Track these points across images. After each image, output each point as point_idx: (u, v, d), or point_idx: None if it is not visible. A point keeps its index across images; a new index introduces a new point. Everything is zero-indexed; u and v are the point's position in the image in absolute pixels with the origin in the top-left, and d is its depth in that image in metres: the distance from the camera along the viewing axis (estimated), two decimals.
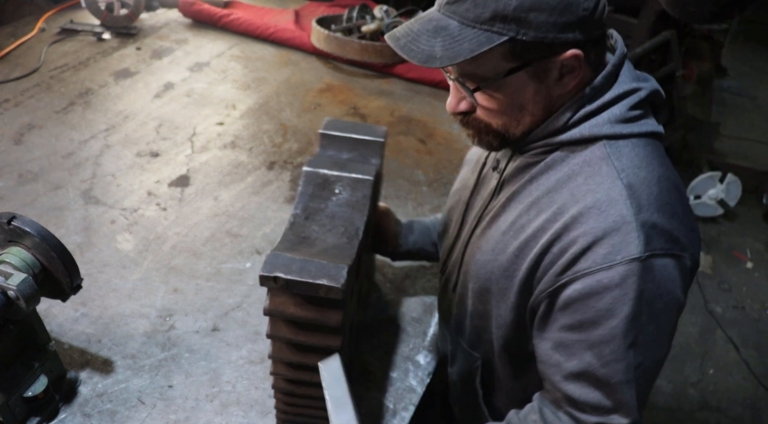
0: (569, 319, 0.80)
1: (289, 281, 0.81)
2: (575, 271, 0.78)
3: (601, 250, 0.76)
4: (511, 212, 0.89)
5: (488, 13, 0.74)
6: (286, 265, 0.82)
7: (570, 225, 0.79)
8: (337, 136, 1.04)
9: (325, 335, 0.89)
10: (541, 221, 0.83)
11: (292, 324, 0.88)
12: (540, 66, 0.78)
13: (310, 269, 0.82)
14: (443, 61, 0.76)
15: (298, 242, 0.88)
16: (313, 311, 0.85)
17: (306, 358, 0.91)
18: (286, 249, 0.86)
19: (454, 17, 0.77)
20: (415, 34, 0.80)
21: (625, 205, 0.76)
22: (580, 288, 0.78)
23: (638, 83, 0.84)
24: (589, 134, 0.82)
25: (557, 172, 0.84)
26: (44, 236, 0.94)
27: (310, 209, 0.93)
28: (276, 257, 0.83)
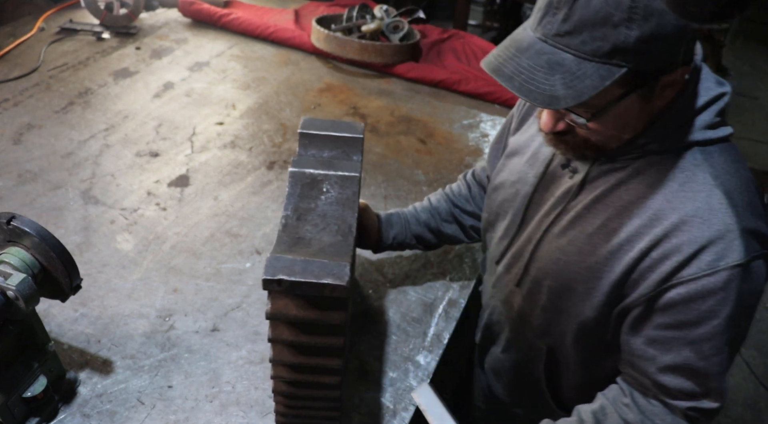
0: (669, 319, 0.84)
1: (293, 283, 0.80)
2: (680, 277, 0.81)
3: (706, 257, 0.79)
4: (597, 215, 0.90)
5: (607, 46, 0.72)
6: (288, 267, 0.82)
7: (671, 232, 0.81)
8: (317, 135, 1.04)
9: (327, 334, 0.88)
10: (636, 226, 0.84)
11: (293, 326, 0.87)
12: (650, 87, 0.78)
13: (313, 269, 0.82)
14: (568, 101, 0.74)
15: (294, 243, 0.88)
16: (316, 312, 0.85)
17: (308, 359, 0.91)
18: (284, 251, 0.85)
19: (568, 50, 0.74)
20: (527, 71, 0.76)
21: (727, 214, 0.79)
22: (684, 292, 0.81)
23: (721, 88, 0.86)
24: (682, 141, 0.83)
25: (648, 178, 0.85)
26: (43, 236, 0.94)
27: (300, 210, 0.93)
28: (277, 259, 0.82)
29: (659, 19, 0.70)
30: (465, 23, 3.67)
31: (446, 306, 1.35)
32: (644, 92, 0.78)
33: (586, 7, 0.71)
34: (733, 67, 4.74)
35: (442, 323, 1.31)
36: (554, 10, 0.74)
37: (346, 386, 1.10)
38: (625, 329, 0.91)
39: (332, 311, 0.85)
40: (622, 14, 0.70)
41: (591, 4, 0.71)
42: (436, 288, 1.39)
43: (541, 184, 1.01)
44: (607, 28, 0.71)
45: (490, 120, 2.07)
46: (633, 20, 0.70)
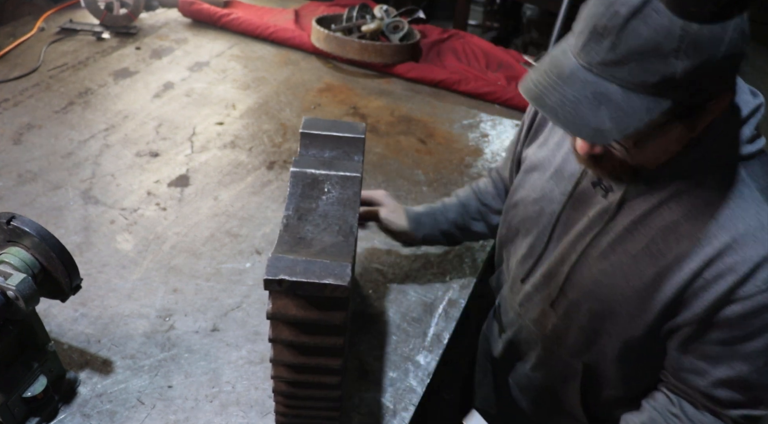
0: (723, 335, 0.83)
1: (294, 283, 0.80)
2: (735, 295, 0.80)
3: (762, 275, 0.78)
4: (640, 237, 0.88)
5: (655, 78, 0.69)
6: (290, 267, 0.82)
7: (724, 252, 0.80)
8: (318, 135, 1.04)
9: (328, 334, 0.88)
10: (684, 247, 0.83)
11: (294, 326, 0.87)
12: (696, 114, 0.76)
13: (314, 269, 0.82)
14: (614, 135, 0.71)
15: (295, 243, 0.88)
16: (317, 312, 0.85)
17: (308, 359, 0.91)
18: (285, 251, 0.86)
19: (613, 81, 0.71)
20: (572, 102, 0.72)
21: None
22: (739, 309, 0.80)
23: (757, 99, 0.85)
24: (723, 158, 0.82)
25: (692, 197, 0.84)
26: (43, 236, 0.94)
27: (301, 210, 0.93)
28: (278, 259, 0.82)
29: (710, 48, 0.67)
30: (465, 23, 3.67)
31: (446, 306, 1.35)
32: (689, 120, 0.76)
33: (635, 36, 0.67)
34: None
35: (442, 323, 1.31)
36: (599, 36, 0.70)
37: (346, 385, 1.10)
38: (675, 344, 0.90)
39: (333, 311, 0.85)
40: (672, 44, 0.67)
41: (639, 32, 0.67)
42: (436, 288, 1.39)
43: (570, 204, 0.99)
44: (655, 59, 0.68)
45: (490, 120, 2.07)
46: (682, 51, 0.67)
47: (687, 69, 0.67)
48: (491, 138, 1.97)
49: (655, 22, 0.67)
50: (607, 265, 0.93)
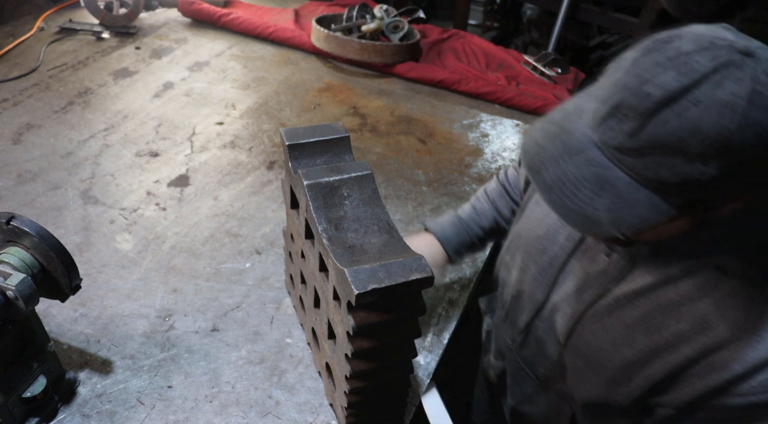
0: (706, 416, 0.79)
1: (386, 289, 0.80)
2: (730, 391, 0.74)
3: (760, 377, 0.72)
4: (638, 308, 0.82)
5: (675, 179, 0.59)
6: (372, 276, 0.81)
7: (722, 345, 0.73)
8: (306, 143, 1.02)
9: (406, 328, 0.89)
10: (683, 328, 0.77)
11: (373, 333, 0.87)
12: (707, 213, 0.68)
13: (395, 270, 0.81)
14: (607, 227, 0.63)
15: (351, 253, 0.87)
16: (396, 310, 0.85)
17: (386, 360, 0.92)
18: (349, 263, 0.84)
19: (623, 169, 0.62)
20: (571, 183, 0.64)
21: None
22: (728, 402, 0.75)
23: None
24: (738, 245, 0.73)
25: (698, 278, 0.76)
26: (43, 235, 0.93)
27: (333, 220, 0.92)
28: (357, 272, 0.81)
29: (743, 155, 0.57)
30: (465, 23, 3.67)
31: (446, 306, 1.35)
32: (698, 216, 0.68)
33: (662, 127, 0.58)
34: None
35: (442, 323, 1.31)
36: (622, 116, 0.61)
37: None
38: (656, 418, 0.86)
39: (411, 302, 0.86)
40: (702, 148, 0.57)
41: (668, 125, 0.57)
42: (437, 288, 1.39)
43: (575, 254, 0.92)
44: (678, 160, 0.58)
45: (490, 120, 2.07)
46: (713, 157, 0.57)
47: (713, 175, 0.58)
48: (491, 138, 1.96)
49: (689, 117, 0.57)
50: (599, 328, 0.88)
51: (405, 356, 0.94)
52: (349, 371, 0.90)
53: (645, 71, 0.59)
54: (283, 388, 1.13)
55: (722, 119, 0.56)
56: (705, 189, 0.60)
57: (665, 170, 0.59)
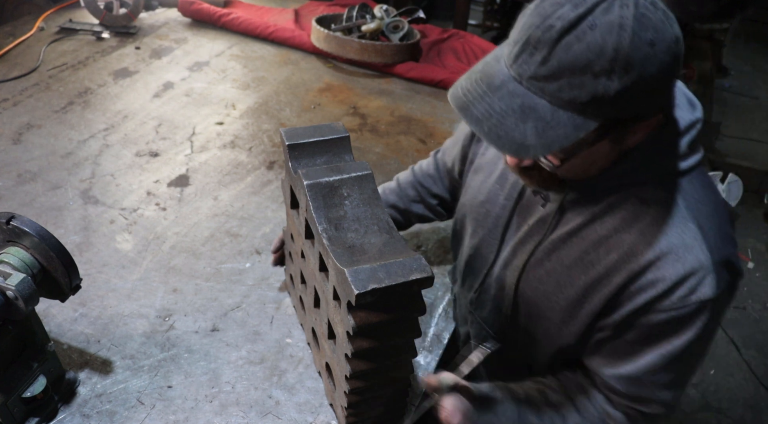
0: (633, 336, 0.88)
1: (386, 289, 0.80)
2: (653, 307, 0.83)
3: (679, 292, 0.81)
4: (573, 248, 0.90)
5: (586, 97, 0.68)
6: (372, 276, 0.81)
7: (647, 268, 0.82)
8: (306, 143, 1.02)
9: (405, 330, 0.89)
10: (613, 260, 0.85)
11: (373, 333, 0.87)
12: (623, 132, 0.76)
13: (395, 270, 0.82)
14: (537, 149, 0.71)
15: (351, 253, 0.87)
16: (396, 310, 0.85)
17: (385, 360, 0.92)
18: (349, 263, 0.84)
19: (543, 96, 0.70)
20: (498, 114, 0.71)
21: (700, 250, 0.81)
22: (653, 318, 0.84)
23: (693, 114, 0.85)
24: (653, 175, 0.83)
25: (622, 212, 0.85)
26: (43, 235, 0.94)
27: (333, 220, 0.92)
28: (357, 272, 0.81)
29: (641, 69, 0.66)
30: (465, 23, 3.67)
31: (446, 306, 1.35)
32: (616, 137, 0.77)
33: (567, 51, 0.66)
34: (733, 67, 4.74)
35: (442, 323, 1.31)
36: (532, 49, 0.69)
37: None
38: (592, 341, 0.95)
39: (411, 302, 0.86)
40: (604, 64, 0.66)
41: (572, 49, 0.66)
42: (436, 288, 1.39)
43: (515, 212, 1.01)
44: (586, 77, 0.67)
45: None
46: (614, 71, 0.66)
47: (618, 89, 0.67)
48: None
49: (588, 40, 0.66)
50: (543, 273, 0.95)
51: (405, 356, 0.94)
52: (349, 371, 0.90)
53: (545, 9, 0.69)
54: (283, 388, 1.13)
55: (616, 37, 0.65)
56: (614, 104, 0.68)
57: (576, 90, 0.67)
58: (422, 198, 1.31)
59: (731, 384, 2.56)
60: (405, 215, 1.32)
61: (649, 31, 0.66)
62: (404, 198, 1.30)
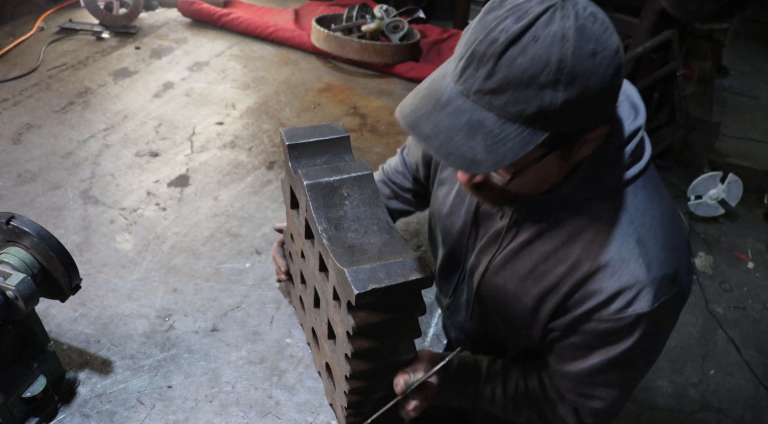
0: (576, 340, 0.92)
1: (386, 289, 0.80)
2: (593, 316, 0.87)
3: (615, 305, 0.84)
4: (526, 259, 0.93)
5: (532, 109, 0.68)
6: (372, 276, 0.81)
7: (587, 280, 0.86)
8: (305, 143, 1.02)
9: (404, 330, 0.89)
10: (561, 272, 0.89)
11: (373, 333, 0.87)
12: (571, 146, 0.77)
13: (395, 270, 0.82)
14: (488, 165, 0.71)
15: (351, 253, 0.87)
16: (396, 310, 0.85)
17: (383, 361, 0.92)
18: (349, 263, 0.84)
19: (490, 110, 0.70)
20: (446, 131, 0.71)
21: (637, 265, 0.83)
22: (593, 326, 0.88)
23: (636, 121, 0.85)
24: (597, 189, 0.85)
25: (568, 226, 0.88)
26: (43, 235, 0.94)
27: (333, 220, 0.92)
28: (357, 272, 0.81)
29: (585, 80, 0.67)
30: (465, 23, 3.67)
31: None
32: (564, 151, 0.77)
33: (512, 65, 0.67)
34: (733, 67, 4.74)
35: (442, 323, 1.31)
36: (477, 63, 0.69)
37: None
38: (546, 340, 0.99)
39: (411, 304, 0.86)
40: (549, 76, 0.66)
41: (516, 62, 0.66)
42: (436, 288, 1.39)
43: (475, 220, 1.04)
44: (532, 90, 0.67)
45: None
46: (559, 82, 0.66)
47: (564, 100, 0.67)
48: None
49: (532, 52, 0.66)
50: (500, 282, 0.99)
51: (405, 357, 0.94)
52: (349, 371, 0.90)
53: (488, 23, 0.69)
54: (283, 388, 1.13)
55: (559, 49, 0.66)
56: (561, 116, 0.69)
57: (523, 102, 0.68)
58: (397, 194, 1.32)
59: (731, 384, 2.56)
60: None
61: (591, 42, 0.67)
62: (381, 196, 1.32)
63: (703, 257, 3.15)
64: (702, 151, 3.64)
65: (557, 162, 0.79)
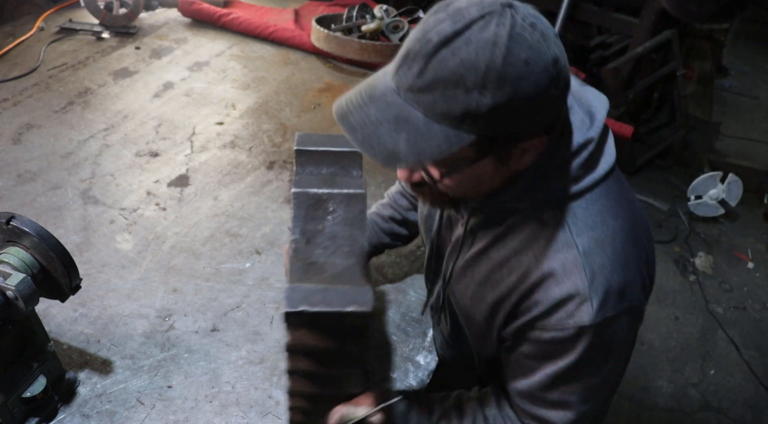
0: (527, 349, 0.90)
1: (316, 314, 0.78)
2: (538, 324, 0.86)
3: (557, 315, 0.83)
4: (483, 266, 0.93)
5: (458, 111, 0.68)
6: (308, 297, 0.79)
7: (533, 289, 0.85)
8: (315, 151, 1.00)
9: (348, 362, 0.87)
10: (513, 280, 0.88)
11: (312, 356, 0.85)
12: (505, 152, 0.76)
13: (334, 297, 0.79)
14: (408, 158, 0.72)
15: (307, 270, 0.85)
16: (336, 340, 0.83)
17: (326, 388, 0.90)
18: (299, 279, 0.83)
19: (418, 108, 0.71)
20: (373, 123, 0.73)
21: (579, 277, 0.81)
22: (538, 335, 0.86)
23: (588, 132, 0.83)
24: (543, 200, 0.84)
25: (519, 235, 0.87)
26: (43, 235, 0.94)
27: (308, 232, 0.89)
28: (295, 290, 0.79)
29: (515, 86, 0.67)
30: None
31: None
32: (498, 156, 0.77)
33: (441, 65, 0.68)
34: (733, 67, 4.74)
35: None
36: (410, 61, 0.70)
37: None
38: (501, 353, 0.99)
39: (352, 338, 0.83)
40: (477, 79, 0.66)
41: (446, 63, 0.67)
42: None
43: (442, 227, 1.04)
44: (459, 92, 0.67)
45: None
46: (486, 87, 0.67)
47: (490, 104, 0.67)
48: None
49: (462, 55, 0.67)
50: (462, 287, 0.98)
51: (351, 390, 0.92)
52: (288, 387, 0.89)
53: (428, 25, 0.70)
54: (283, 388, 1.13)
55: (489, 54, 0.66)
56: (488, 120, 0.69)
57: (450, 103, 0.68)
58: (414, 205, 1.32)
59: (731, 384, 2.56)
60: (405, 225, 1.32)
61: (524, 51, 0.67)
62: (399, 209, 1.31)
63: (703, 257, 3.15)
64: (702, 151, 3.64)
65: (492, 166, 0.78)
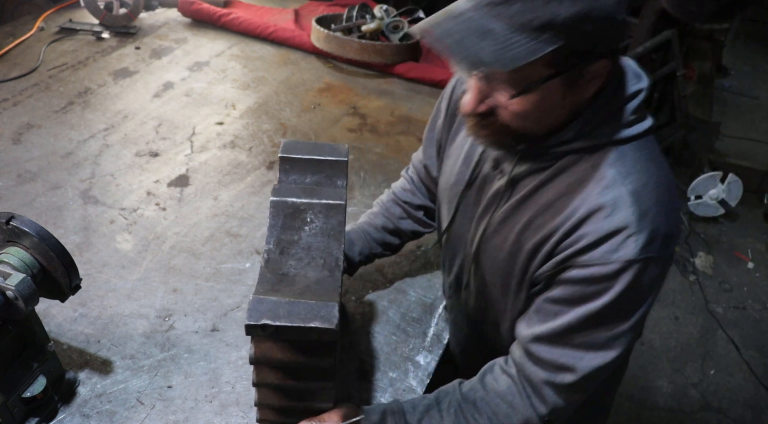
0: (556, 293, 0.89)
1: (278, 328, 0.76)
2: (575, 261, 0.85)
3: (603, 248, 0.83)
4: (524, 213, 0.93)
5: (537, 22, 0.73)
6: (272, 310, 0.77)
7: (579, 225, 0.85)
8: (299, 158, 0.99)
9: (316, 378, 0.86)
10: (559, 221, 0.88)
11: (280, 370, 0.84)
12: (575, 73, 0.79)
13: (299, 311, 0.77)
14: (494, 66, 0.75)
15: (278, 281, 0.83)
16: (304, 355, 0.81)
17: (296, 403, 0.89)
18: (267, 291, 0.81)
19: (499, 20, 0.74)
20: (457, 34, 0.76)
21: (630, 211, 0.82)
22: (575, 274, 0.86)
23: (639, 84, 0.88)
24: (598, 141, 0.86)
25: (569, 177, 0.88)
26: (43, 235, 0.94)
27: (283, 242, 0.87)
28: (260, 302, 0.78)
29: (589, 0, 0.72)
30: None
31: (447, 306, 1.35)
32: (569, 78, 0.80)
33: None
34: (733, 67, 4.74)
35: (442, 323, 1.31)
36: None
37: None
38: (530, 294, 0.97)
39: (320, 354, 0.82)
40: None
41: None
42: (436, 288, 1.39)
43: (472, 185, 1.04)
44: (538, 2, 0.72)
45: None
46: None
47: (569, 16, 0.72)
48: None
49: None
50: (498, 242, 0.97)
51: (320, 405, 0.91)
52: (255, 399, 0.88)
53: None
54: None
55: None
56: (565, 31, 0.73)
57: (530, 13, 0.73)
58: (408, 213, 1.32)
59: (731, 384, 2.56)
60: (396, 234, 1.32)
61: None
62: (391, 217, 1.31)
63: (703, 257, 3.15)
64: (702, 151, 3.64)
65: (561, 91, 0.81)
